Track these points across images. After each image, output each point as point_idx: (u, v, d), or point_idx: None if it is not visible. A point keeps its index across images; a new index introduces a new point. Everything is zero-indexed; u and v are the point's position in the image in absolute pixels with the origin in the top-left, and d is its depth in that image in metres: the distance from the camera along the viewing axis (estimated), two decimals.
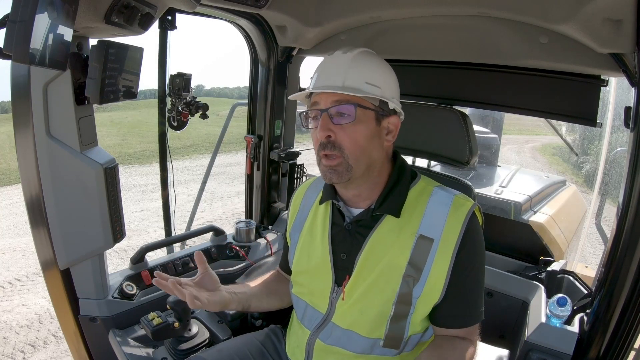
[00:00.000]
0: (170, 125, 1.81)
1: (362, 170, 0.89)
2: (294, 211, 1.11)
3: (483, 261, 0.93)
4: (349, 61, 0.88)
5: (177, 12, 1.54)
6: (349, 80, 0.87)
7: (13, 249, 4.61)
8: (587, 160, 9.22)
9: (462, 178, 1.28)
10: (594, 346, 1.10)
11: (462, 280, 0.88)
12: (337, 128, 0.86)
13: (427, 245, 0.87)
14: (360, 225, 0.93)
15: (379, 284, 0.89)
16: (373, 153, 0.90)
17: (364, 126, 0.87)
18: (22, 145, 1.19)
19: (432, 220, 0.89)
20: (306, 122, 0.94)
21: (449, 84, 1.63)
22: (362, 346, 0.92)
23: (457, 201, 0.91)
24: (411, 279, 0.87)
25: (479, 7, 1.24)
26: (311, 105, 0.92)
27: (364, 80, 0.87)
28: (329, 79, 0.88)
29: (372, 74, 0.89)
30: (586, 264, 3.45)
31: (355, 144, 0.86)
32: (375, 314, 0.90)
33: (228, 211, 6.06)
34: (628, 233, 1.02)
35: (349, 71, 0.87)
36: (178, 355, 1.28)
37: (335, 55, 0.92)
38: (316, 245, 0.99)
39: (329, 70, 0.90)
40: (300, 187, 1.16)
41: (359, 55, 0.90)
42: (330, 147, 0.86)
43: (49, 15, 0.72)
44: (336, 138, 0.86)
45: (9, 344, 2.89)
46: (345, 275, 0.93)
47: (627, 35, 0.99)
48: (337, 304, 0.95)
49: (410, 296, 0.87)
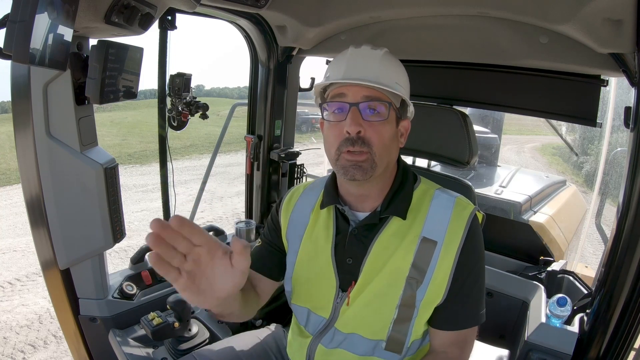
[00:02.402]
0: (170, 125, 1.80)
1: (382, 170, 0.87)
2: (287, 215, 1.04)
3: (483, 263, 0.92)
4: (380, 58, 0.85)
5: (177, 12, 1.54)
6: (383, 77, 0.83)
7: (13, 249, 4.61)
8: (587, 160, 9.23)
9: (462, 178, 1.28)
10: (594, 346, 1.10)
11: (463, 282, 0.87)
12: (366, 124, 0.82)
13: (431, 248, 0.86)
14: (366, 229, 0.91)
15: (383, 288, 0.88)
16: (393, 154, 0.89)
17: (390, 126, 0.85)
18: (22, 145, 1.19)
19: (435, 223, 0.88)
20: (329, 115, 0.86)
21: (449, 84, 1.63)
22: (365, 348, 0.92)
23: (459, 204, 0.90)
24: (414, 281, 0.86)
25: (479, 7, 1.24)
26: (334, 97, 0.85)
27: (395, 80, 0.85)
28: (362, 72, 0.83)
29: (399, 75, 0.88)
30: (586, 264, 3.45)
31: (382, 143, 0.83)
32: (379, 317, 0.89)
33: (228, 211, 6.07)
34: (628, 233, 1.02)
35: (382, 67, 0.84)
36: (178, 355, 1.28)
37: (365, 49, 0.87)
38: (318, 252, 0.96)
39: (360, 62, 0.85)
40: (292, 190, 1.08)
41: (387, 54, 0.88)
42: (360, 144, 0.81)
43: (49, 15, 0.72)
44: (365, 134, 0.82)
45: (9, 344, 2.89)
46: (351, 281, 0.91)
47: (627, 35, 0.99)
48: (340, 309, 0.93)
49: (413, 299, 0.87)
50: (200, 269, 0.61)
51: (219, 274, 0.62)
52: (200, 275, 0.61)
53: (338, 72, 0.86)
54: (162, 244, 0.57)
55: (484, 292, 0.92)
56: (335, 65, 0.89)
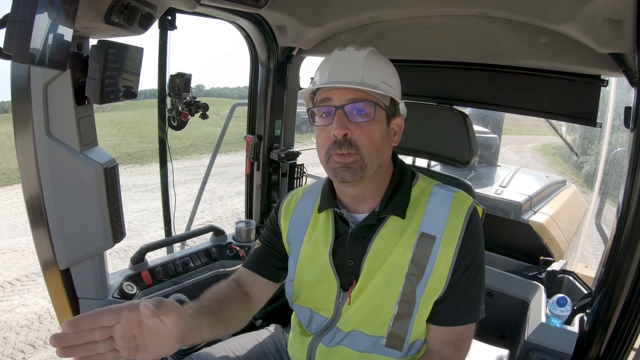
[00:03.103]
0: (170, 125, 1.81)
1: (374, 170, 0.87)
2: (286, 219, 1.05)
3: (483, 258, 0.91)
4: (364, 58, 0.85)
5: (177, 12, 1.54)
6: (367, 77, 0.84)
7: (13, 249, 4.61)
8: (587, 160, 9.22)
9: (462, 178, 1.28)
10: (594, 346, 1.10)
11: (462, 276, 0.87)
12: (353, 126, 0.83)
13: (430, 243, 0.87)
14: (365, 230, 0.92)
15: (383, 284, 0.89)
16: (385, 154, 0.89)
17: (379, 126, 0.86)
18: (22, 145, 1.19)
19: (433, 218, 0.88)
20: (313, 120, 0.89)
21: (449, 84, 1.63)
22: (365, 345, 0.92)
23: (457, 198, 0.90)
24: (414, 277, 0.87)
25: (479, 7, 1.24)
26: (321, 102, 0.87)
27: (381, 79, 0.85)
28: (345, 75, 0.84)
29: (385, 74, 0.88)
30: (586, 264, 3.45)
31: (371, 143, 0.84)
32: (379, 314, 0.90)
33: (228, 211, 6.07)
34: (628, 233, 1.02)
35: (366, 68, 0.84)
36: (178, 355, 1.28)
37: (348, 51, 0.88)
38: (318, 255, 0.96)
39: (344, 65, 0.86)
40: (291, 194, 1.09)
41: (372, 54, 0.88)
42: (347, 146, 0.83)
43: (49, 15, 0.72)
44: (352, 136, 0.83)
45: (9, 344, 2.89)
46: (352, 281, 0.92)
47: (627, 35, 0.99)
48: (342, 309, 0.94)
49: (413, 294, 0.87)
50: (134, 337, 0.65)
51: (155, 329, 0.66)
52: (141, 339, 0.66)
53: (323, 76, 0.88)
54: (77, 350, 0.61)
55: (482, 288, 0.92)
56: (321, 70, 0.90)
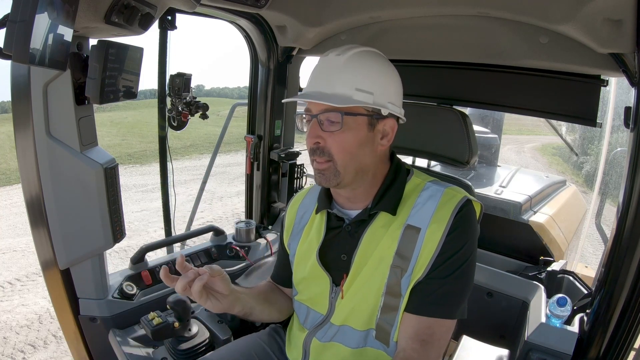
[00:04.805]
0: (170, 125, 1.81)
1: (352, 176, 0.89)
2: (291, 221, 1.11)
3: (471, 254, 0.88)
4: (341, 65, 0.86)
5: (177, 12, 1.54)
6: (339, 86, 0.85)
7: (13, 249, 4.60)
8: (587, 160, 9.22)
9: (462, 178, 1.28)
10: (594, 346, 1.10)
11: (441, 266, 0.85)
12: (326, 135, 0.86)
13: (414, 235, 0.87)
14: (357, 225, 0.94)
15: (370, 277, 0.90)
16: (364, 159, 0.89)
17: (353, 133, 0.86)
18: (22, 145, 1.19)
19: (420, 211, 0.89)
20: (302, 125, 0.95)
21: (449, 84, 1.63)
22: (357, 340, 0.93)
23: (447, 193, 0.91)
24: (399, 269, 0.87)
25: (479, 7, 1.24)
26: (305, 110, 0.92)
27: (355, 86, 0.85)
28: (319, 85, 0.88)
29: (364, 79, 0.86)
30: (586, 264, 3.45)
31: (343, 151, 0.86)
32: (366, 306, 0.91)
33: (228, 211, 6.06)
34: (628, 233, 1.02)
35: (340, 76, 0.85)
36: (178, 355, 1.28)
37: (328, 58, 0.89)
38: (310, 253, 1.00)
39: (320, 75, 0.89)
40: (296, 196, 1.16)
41: (354, 57, 0.87)
42: (319, 153, 0.87)
43: (49, 15, 0.72)
44: (325, 144, 0.87)
45: (9, 344, 2.89)
46: (344, 275, 0.94)
47: (627, 35, 0.99)
48: (336, 303, 0.96)
49: (399, 287, 0.87)
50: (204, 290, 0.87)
51: (212, 286, 0.89)
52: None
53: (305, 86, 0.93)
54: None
55: (466, 286, 0.89)
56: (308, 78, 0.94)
